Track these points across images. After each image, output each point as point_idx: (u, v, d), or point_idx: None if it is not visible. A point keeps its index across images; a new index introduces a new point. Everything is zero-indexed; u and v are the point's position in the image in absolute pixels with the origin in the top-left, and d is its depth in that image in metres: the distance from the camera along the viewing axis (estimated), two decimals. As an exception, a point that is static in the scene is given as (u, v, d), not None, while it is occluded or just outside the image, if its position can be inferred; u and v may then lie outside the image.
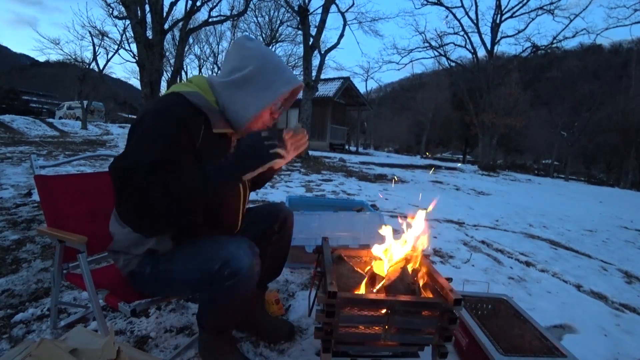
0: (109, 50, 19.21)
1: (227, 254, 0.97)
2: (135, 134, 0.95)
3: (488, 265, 2.65)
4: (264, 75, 1.00)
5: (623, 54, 36.72)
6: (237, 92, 1.00)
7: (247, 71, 0.99)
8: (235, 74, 1.00)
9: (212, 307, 1.08)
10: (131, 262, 1.10)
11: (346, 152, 19.93)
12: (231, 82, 1.01)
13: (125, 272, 1.13)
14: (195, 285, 1.05)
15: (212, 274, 0.97)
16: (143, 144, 0.92)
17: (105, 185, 1.47)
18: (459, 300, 1.00)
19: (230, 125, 1.05)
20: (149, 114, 0.95)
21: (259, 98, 1.00)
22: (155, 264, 1.08)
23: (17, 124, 16.43)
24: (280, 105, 1.11)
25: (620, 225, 5.43)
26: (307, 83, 10.72)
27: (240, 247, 0.99)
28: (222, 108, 1.03)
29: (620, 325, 1.91)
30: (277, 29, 23.94)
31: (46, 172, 1.31)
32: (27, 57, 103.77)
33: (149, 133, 0.93)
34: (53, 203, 1.29)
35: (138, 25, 11.28)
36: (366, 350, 1.15)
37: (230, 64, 1.03)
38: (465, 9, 18.92)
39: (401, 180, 8.37)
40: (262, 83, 1.00)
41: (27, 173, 4.68)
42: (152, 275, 1.08)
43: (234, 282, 0.97)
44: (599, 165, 32.66)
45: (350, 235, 2.12)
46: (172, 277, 1.06)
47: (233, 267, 0.96)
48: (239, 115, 1.02)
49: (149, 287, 1.12)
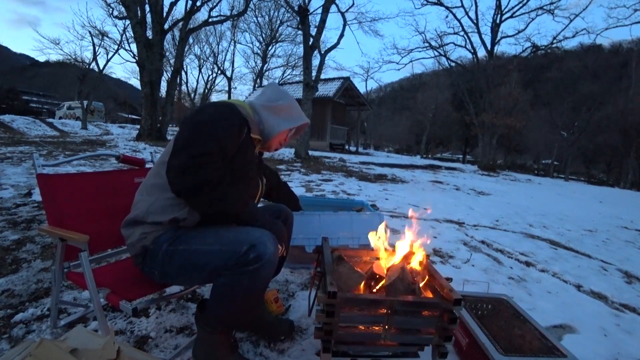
0: (109, 50, 19.28)
1: (254, 239, 1.04)
2: (204, 112, 1.15)
3: (488, 265, 2.65)
4: (291, 109, 1.36)
5: (623, 54, 36.72)
6: (272, 114, 1.32)
7: (281, 103, 1.34)
8: (273, 102, 1.33)
9: (227, 295, 1.05)
10: (148, 236, 1.11)
11: (346, 152, 19.93)
12: (270, 106, 1.33)
13: (137, 249, 1.13)
14: (214, 269, 1.04)
15: (238, 256, 1.01)
16: (210, 118, 1.13)
17: (106, 185, 1.48)
18: (459, 300, 1.00)
19: (260, 134, 1.31)
20: (214, 104, 1.19)
21: (284, 122, 1.33)
22: (173, 242, 1.09)
23: (17, 124, 16.43)
24: (292, 136, 1.45)
25: (620, 225, 5.44)
26: (307, 83, 10.72)
27: (265, 234, 1.07)
28: (257, 121, 1.30)
29: (620, 325, 1.91)
30: (277, 29, 23.99)
31: (47, 172, 1.31)
32: (27, 57, 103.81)
33: (217, 113, 1.15)
34: (55, 202, 1.29)
35: (138, 25, 11.27)
36: (366, 350, 1.15)
37: (268, 94, 1.36)
38: (465, 9, 18.98)
39: (401, 180, 8.37)
40: (289, 115, 1.35)
41: (27, 173, 4.68)
42: (167, 253, 1.09)
43: (258, 266, 1.01)
44: (599, 165, 32.63)
45: (350, 235, 2.11)
46: (190, 258, 1.07)
47: (259, 251, 1.02)
48: (272, 129, 1.31)
49: (160, 267, 1.11)
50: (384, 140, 48.84)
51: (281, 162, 9.31)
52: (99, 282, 1.16)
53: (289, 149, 12.77)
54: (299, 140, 10.88)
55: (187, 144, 1.06)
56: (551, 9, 18.33)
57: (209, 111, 1.15)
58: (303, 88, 10.89)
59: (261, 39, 28.40)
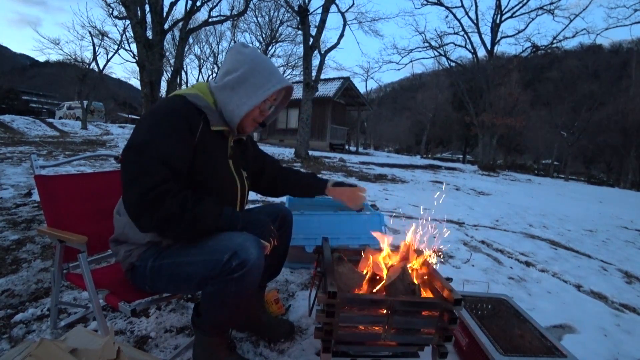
0: (109, 50, 19.25)
1: (235, 245, 0.99)
2: (141, 127, 1.02)
3: (488, 265, 2.65)
4: (255, 76, 1.09)
5: (623, 54, 36.66)
6: (231, 94, 1.10)
7: (240, 73, 1.09)
8: (229, 76, 1.10)
9: (216, 302, 1.05)
10: (132, 253, 1.10)
11: (346, 152, 19.92)
12: (225, 84, 1.10)
13: (125, 265, 1.12)
14: (201, 279, 1.02)
15: (220, 265, 0.98)
16: (151, 135, 0.99)
17: (105, 185, 1.47)
18: (459, 300, 1.00)
19: (226, 124, 1.13)
20: (154, 110, 1.04)
21: (250, 98, 1.09)
22: (157, 257, 1.07)
23: (17, 124, 16.42)
24: (271, 105, 1.20)
25: (620, 225, 5.43)
26: (307, 83, 10.72)
27: (247, 239, 1.02)
28: (219, 108, 1.12)
29: (620, 325, 1.91)
30: (277, 29, 23.95)
31: (46, 172, 1.31)
32: (27, 57, 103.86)
33: (156, 125, 1.01)
34: (53, 203, 1.29)
35: (138, 25, 11.27)
36: (366, 350, 1.15)
37: (224, 67, 1.13)
38: (465, 9, 18.94)
39: (401, 180, 8.37)
40: (253, 84, 1.09)
41: (27, 173, 4.68)
42: (153, 269, 1.07)
43: (242, 273, 0.98)
44: (599, 165, 32.62)
45: (350, 235, 2.12)
46: (176, 271, 1.05)
47: (242, 258, 0.97)
48: (233, 114, 1.10)
49: (149, 282, 1.10)
50: (384, 140, 48.83)
51: (281, 162, 9.31)
52: (98, 283, 1.16)
53: (289, 149, 12.76)
54: (299, 140, 10.88)
55: (133, 178, 0.95)
56: (551, 9, 18.31)
57: (149, 122, 1.02)
58: (303, 88, 10.89)
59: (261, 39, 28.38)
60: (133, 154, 0.98)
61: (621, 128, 23.10)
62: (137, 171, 0.95)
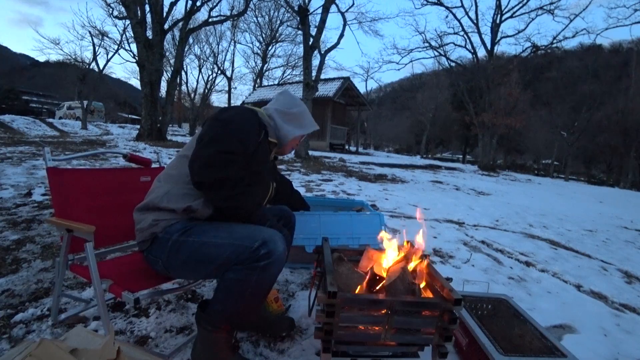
0: (109, 50, 19.29)
1: (266, 236, 1.07)
2: (230, 113, 1.22)
3: (488, 265, 2.65)
4: (303, 116, 1.47)
5: (623, 54, 36.70)
6: (287, 121, 1.43)
7: (295, 110, 1.44)
8: (287, 109, 1.43)
9: (235, 290, 1.06)
10: (160, 223, 1.13)
11: (346, 152, 19.93)
12: (284, 112, 1.43)
13: (145, 235, 1.14)
14: (224, 262, 1.05)
15: (250, 250, 1.04)
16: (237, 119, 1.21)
17: (113, 182, 1.51)
18: (459, 300, 1.00)
19: (276, 139, 1.42)
20: (238, 110, 1.26)
21: (298, 129, 1.44)
22: (183, 233, 1.11)
23: (17, 124, 16.43)
24: (302, 139, 1.55)
25: (620, 225, 5.44)
26: (307, 83, 10.72)
27: (275, 233, 1.11)
28: (273, 126, 1.40)
29: (620, 325, 1.91)
30: (277, 29, 23.99)
31: (56, 165, 1.36)
32: (27, 57, 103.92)
33: (241, 117, 1.23)
34: (63, 195, 1.33)
35: (138, 25, 11.26)
36: (366, 350, 1.15)
37: (282, 101, 1.46)
38: (465, 9, 18.96)
39: (401, 180, 8.37)
40: (302, 121, 1.46)
41: (27, 173, 4.68)
42: (176, 243, 1.10)
43: (267, 262, 1.04)
44: (599, 165, 32.62)
45: (350, 235, 2.11)
46: (200, 250, 1.08)
47: (270, 248, 1.05)
48: (287, 134, 1.41)
49: (165, 257, 1.13)
50: (384, 140, 48.82)
51: (281, 162, 9.31)
52: (102, 274, 1.17)
53: (289, 149, 12.74)
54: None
55: (215, 139, 1.12)
56: (551, 9, 18.31)
57: (234, 113, 1.23)
58: (303, 88, 10.89)
59: (261, 39, 28.38)
60: (219, 124, 1.17)
61: (621, 128, 23.11)
62: (220, 135, 1.13)
